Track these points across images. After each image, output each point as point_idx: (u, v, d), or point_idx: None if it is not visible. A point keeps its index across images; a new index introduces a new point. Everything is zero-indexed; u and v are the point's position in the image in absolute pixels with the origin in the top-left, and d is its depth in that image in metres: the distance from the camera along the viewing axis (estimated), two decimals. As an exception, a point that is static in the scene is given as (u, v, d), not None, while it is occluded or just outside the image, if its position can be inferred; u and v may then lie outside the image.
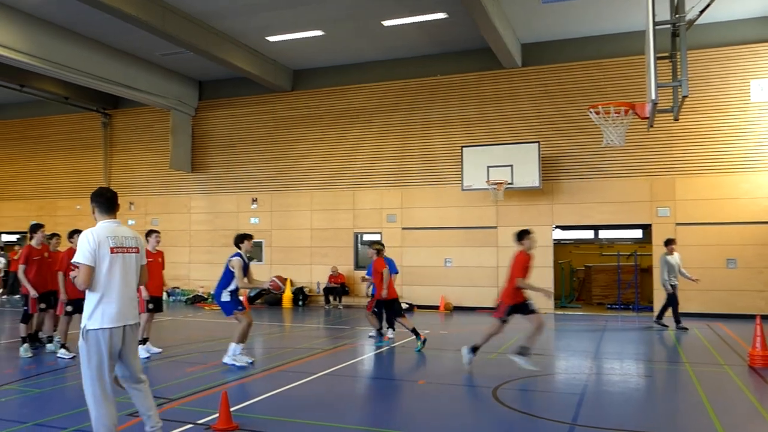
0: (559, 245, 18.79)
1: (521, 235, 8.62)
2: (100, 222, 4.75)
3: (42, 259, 10.09)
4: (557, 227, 17.38)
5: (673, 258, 13.29)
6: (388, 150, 18.79)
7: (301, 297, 18.99)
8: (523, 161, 16.38)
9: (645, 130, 11.48)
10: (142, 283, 5.00)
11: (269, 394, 7.30)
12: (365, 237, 19.12)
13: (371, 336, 11.95)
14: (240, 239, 9.19)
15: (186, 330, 13.78)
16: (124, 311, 4.68)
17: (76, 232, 9.83)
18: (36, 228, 10.19)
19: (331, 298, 18.63)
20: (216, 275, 20.46)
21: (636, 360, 10.11)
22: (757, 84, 15.63)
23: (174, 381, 7.95)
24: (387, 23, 15.96)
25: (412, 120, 18.58)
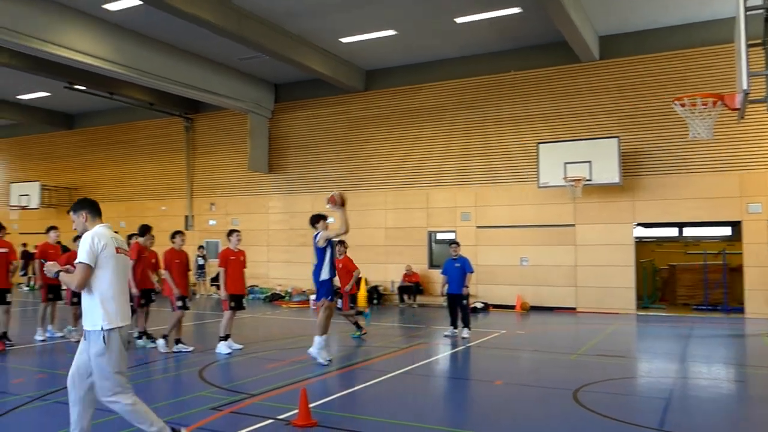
0: (641, 243, 18.11)
1: None
2: (97, 226, 4.96)
3: (143, 258, 10.61)
4: (638, 225, 16.76)
5: None
6: (461, 148, 18.65)
7: (376, 296, 19.15)
8: (602, 157, 15.90)
9: (734, 122, 10.91)
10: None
11: (347, 391, 7.41)
12: (439, 236, 19.08)
13: (446, 335, 11.92)
14: (315, 219, 9.66)
15: (265, 327, 14.17)
16: (127, 309, 4.98)
17: (178, 233, 10.33)
18: (147, 229, 10.77)
19: (406, 296, 18.69)
20: (293, 274, 21.03)
21: (726, 364, 9.63)
22: None
23: (255, 377, 8.19)
24: (460, 20, 15.85)
25: (485, 117, 18.37)
